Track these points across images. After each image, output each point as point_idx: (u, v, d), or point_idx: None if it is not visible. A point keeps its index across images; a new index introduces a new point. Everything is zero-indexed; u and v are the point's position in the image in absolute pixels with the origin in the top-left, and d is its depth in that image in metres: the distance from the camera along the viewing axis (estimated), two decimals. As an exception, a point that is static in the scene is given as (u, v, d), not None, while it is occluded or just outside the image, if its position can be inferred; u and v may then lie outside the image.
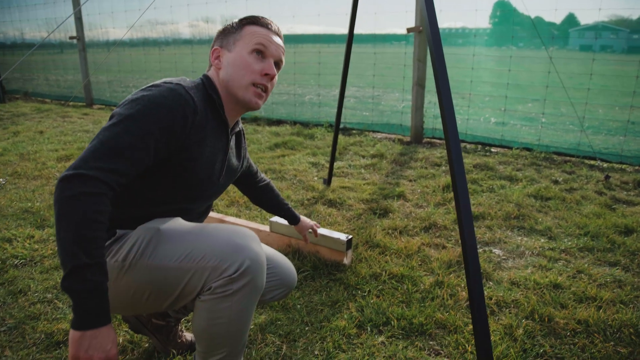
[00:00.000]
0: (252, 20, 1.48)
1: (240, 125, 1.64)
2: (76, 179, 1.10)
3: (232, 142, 1.56)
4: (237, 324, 1.30)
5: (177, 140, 1.29)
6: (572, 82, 5.26)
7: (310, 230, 2.15)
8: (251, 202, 2.22)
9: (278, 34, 1.51)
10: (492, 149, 4.97)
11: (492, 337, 1.84)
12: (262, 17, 1.50)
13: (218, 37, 1.51)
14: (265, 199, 1.98)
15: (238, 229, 1.32)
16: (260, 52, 1.44)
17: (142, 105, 1.23)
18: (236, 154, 1.62)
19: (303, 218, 2.13)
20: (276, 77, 1.50)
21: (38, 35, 10.02)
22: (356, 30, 3.13)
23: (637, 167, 4.19)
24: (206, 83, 1.43)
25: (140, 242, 1.29)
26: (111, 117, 1.25)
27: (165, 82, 1.33)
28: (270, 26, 1.50)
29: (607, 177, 3.81)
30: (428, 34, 1.63)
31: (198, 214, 1.54)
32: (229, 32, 1.48)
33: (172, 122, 1.26)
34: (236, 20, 1.51)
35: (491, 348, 1.42)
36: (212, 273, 1.23)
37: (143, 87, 1.32)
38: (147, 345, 1.82)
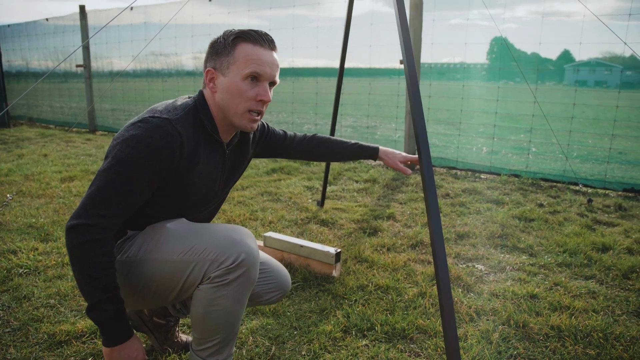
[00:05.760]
0: (243, 37, 1.41)
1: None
2: (80, 228, 1.28)
3: (232, 151, 1.61)
4: (231, 312, 1.42)
5: (168, 172, 1.40)
6: (566, 113, 5.49)
7: (404, 162, 1.95)
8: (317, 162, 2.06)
9: (272, 48, 1.46)
10: (482, 176, 5.13)
11: (468, 341, 1.96)
12: (253, 32, 1.43)
13: (210, 56, 1.46)
14: (321, 151, 1.93)
15: (236, 227, 1.46)
16: (254, 77, 1.42)
17: (131, 147, 1.31)
18: (240, 155, 1.66)
19: (383, 148, 1.97)
20: (271, 94, 1.48)
21: (44, 65, 10.32)
22: (354, 64, 3.32)
23: (619, 192, 4.35)
24: (199, 106, 1.46)
25: (148, 240, 1.44)
26: (106, 157, 1.36)
27: (153, 117, 1.36)
28: (262, 43, 1.43)
29: (590, 200, 3.96)
30: (405, 66, 1.70)
31: (200, 220, 1.65)
32: (221, 52, 1.43)
33: (161, 160, 1.35)
34: (226, 32, 1.44)
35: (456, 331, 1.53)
36: (212, 265, 1.36)
37: (134, 121, 1.38)
38: (144, 345, 1.93)
